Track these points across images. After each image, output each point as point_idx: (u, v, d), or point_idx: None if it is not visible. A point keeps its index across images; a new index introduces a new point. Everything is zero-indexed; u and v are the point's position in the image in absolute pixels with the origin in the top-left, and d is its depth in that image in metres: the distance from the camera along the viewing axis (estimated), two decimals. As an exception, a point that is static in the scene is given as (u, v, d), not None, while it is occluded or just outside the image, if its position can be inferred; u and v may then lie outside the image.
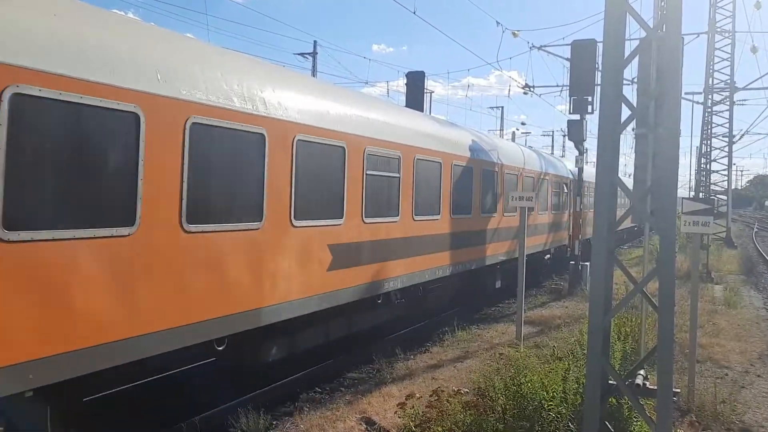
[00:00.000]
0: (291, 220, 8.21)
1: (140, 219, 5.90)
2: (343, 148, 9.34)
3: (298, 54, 40.57)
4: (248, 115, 7.41)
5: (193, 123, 6.57)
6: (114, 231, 5.65)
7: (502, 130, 58.17)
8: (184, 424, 7.57)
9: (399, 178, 10.92)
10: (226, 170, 7.17)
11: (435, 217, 12.42)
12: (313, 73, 38.66)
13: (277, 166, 7.91)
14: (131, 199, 5.84)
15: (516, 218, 16.10)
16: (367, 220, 9.99)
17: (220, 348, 7.41)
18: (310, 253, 8.69)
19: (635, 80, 6.68)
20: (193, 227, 6.56)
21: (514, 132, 55.72)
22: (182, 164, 6.43)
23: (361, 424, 7.74)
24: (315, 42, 39.40)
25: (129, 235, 5.80)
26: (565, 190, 23.60)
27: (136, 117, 5.86)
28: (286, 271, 8.15)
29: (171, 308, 6.29)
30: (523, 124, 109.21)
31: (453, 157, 13.17)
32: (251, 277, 7.55)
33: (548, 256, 21.75)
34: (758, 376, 10.36)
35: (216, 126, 6.91)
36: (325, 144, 8.96)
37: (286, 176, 8.11)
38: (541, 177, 20.43)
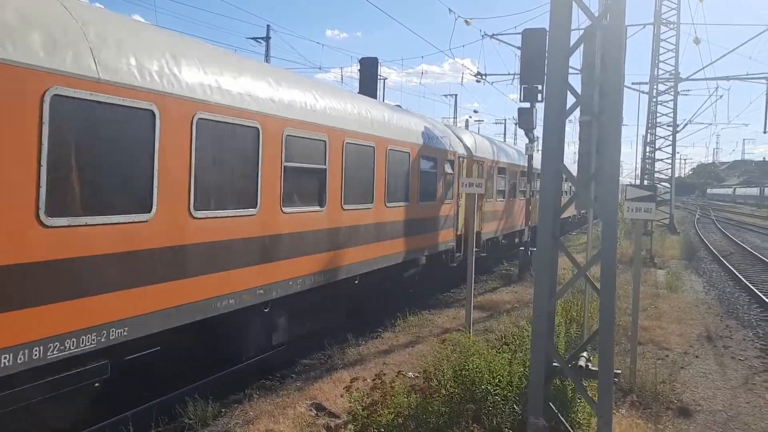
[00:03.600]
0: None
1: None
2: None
3: (251, 38, 40.06)
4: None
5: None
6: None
7: (455, 117, 58.71)
8: (130, 414, 7.44)
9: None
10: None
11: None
12: (266, 58, 38.16)
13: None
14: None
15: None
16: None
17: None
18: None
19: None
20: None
21: (467, 120, 56.25)
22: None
23: (311, 409, 7.75)
24: (268, 26, 38.93)
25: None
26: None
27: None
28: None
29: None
30: (476, 111, 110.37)
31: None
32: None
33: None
34: (696, 357, 10.76)
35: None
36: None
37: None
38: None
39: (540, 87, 18.73)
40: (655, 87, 34.42)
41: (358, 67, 20.36)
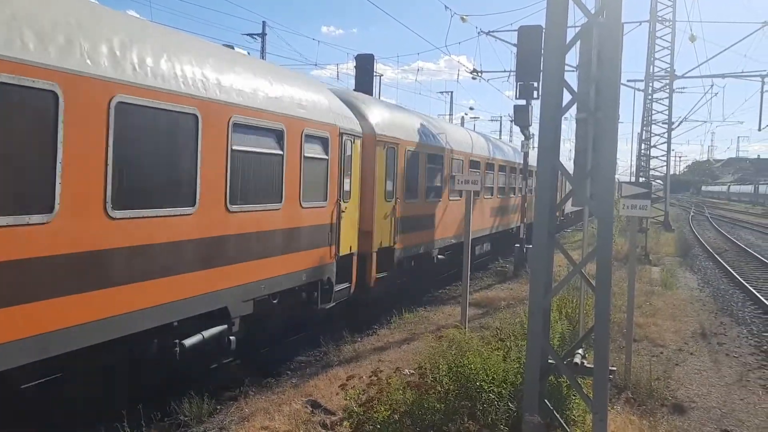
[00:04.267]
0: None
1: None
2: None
3: (247, 35, 40.05)
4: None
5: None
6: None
7: (451, 114, 58.72)
8: (125, 411, 7.42)
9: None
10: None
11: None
12: (262, 55, 38.07)
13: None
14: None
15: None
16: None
17: None
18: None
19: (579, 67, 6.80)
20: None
21: (463, 117, 56.25)
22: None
23: (306, 406, 7.74)
24: (264, 23, 38.86)
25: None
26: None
27: None
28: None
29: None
30: (471, 108, 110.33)
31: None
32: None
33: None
34: (691, 353, 10.79)
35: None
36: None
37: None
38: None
39: (536, 84, 18.72)
40: (650, 84, 34.48)
41: (354, 64, 20.30)
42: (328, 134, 10.82)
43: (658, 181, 35.51)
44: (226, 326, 8.40)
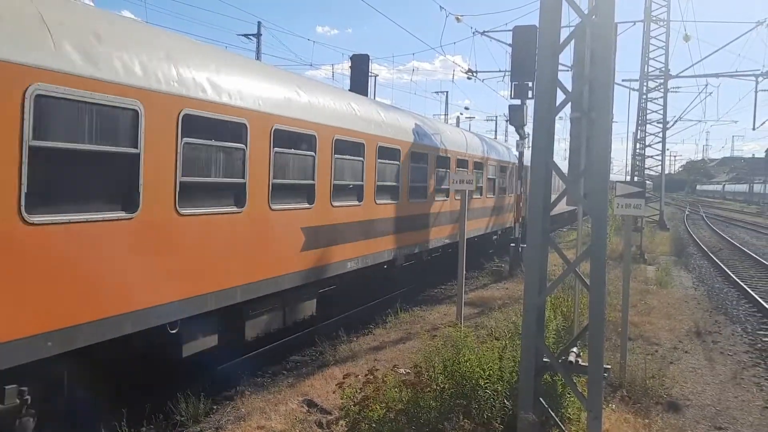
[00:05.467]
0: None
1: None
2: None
3: (242, 35, 40.02)
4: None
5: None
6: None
7: (446, 114, 58.69)
8: (125, 410, 7.43)
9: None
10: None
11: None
12: (257, 55, 38.05)
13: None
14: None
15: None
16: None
17: None
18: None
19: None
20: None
21: (458, 116, 56.32)
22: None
23: (302, 406, 7.76)
24: (259, 23, 38.80)
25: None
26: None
27: None
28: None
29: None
30: (467, 108, 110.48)
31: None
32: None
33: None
34: (685, 352, 10.84)
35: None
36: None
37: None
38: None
39: (531, 84, 18.75)
40: (645, 84, 34.58)
41: (349, 64, 20.30)
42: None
43: (648, 182, 35.61)
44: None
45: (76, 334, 6.11)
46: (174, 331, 7.45)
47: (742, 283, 18.08)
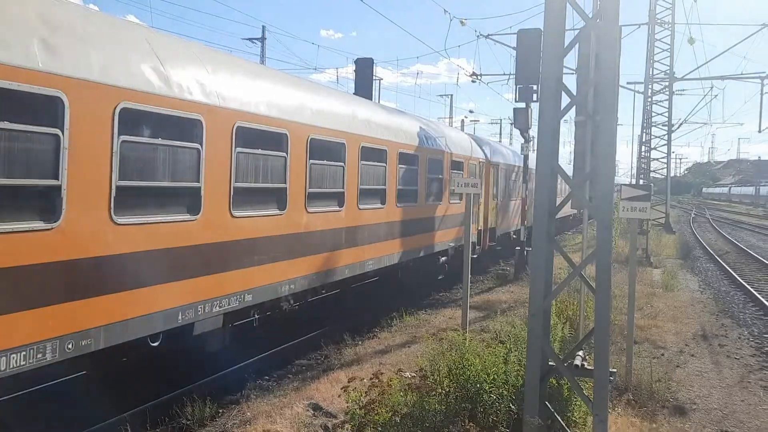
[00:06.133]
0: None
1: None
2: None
3: (246, 39, 40.02)
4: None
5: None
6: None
7: (451, 117, 58.76)
8: (128, 415, 7.45)
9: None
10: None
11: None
12: (262, 59, 38.12)
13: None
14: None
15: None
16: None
17: None
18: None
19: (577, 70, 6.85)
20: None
21: (463, 120, 56.34)
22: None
23: (308, 409, 7.76)
24: (263, 27, 38.90)
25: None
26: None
27: None
28: None
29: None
30: (471, 112, 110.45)
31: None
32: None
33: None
34: (692, 355, 10.80)
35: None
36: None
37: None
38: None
39: (535, 87, 18.74)
40: (650, 87, 34.53)
41: (354, 68, 20.35)
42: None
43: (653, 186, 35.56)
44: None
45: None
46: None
47: (748, 286, 18.00)
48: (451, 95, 77.39)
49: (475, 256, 17.64)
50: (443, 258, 16.73)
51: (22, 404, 7.25)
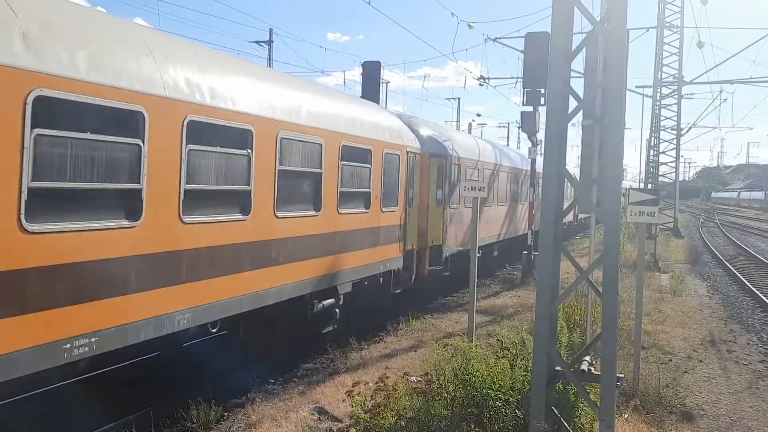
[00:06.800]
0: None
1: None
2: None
3: (254, 42, 40.20)
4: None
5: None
6: None
7: (458, 121, 58.68)
8: (134, 417, 7.46)
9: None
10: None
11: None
12: (269, 62, 38.24)
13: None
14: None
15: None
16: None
17: None
18: None
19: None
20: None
21: (470, 123, 56.28)
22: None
23: (313, 413, 7.75)
24: (270, 30, 39.03)
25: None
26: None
27: None
28: None
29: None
30: (478, 115, 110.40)
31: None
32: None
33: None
34: (700, 361, 10.72)
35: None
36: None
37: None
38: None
39: (543, 90, 18.69)
40: (658, 90, 34.42)
41: (361, 71, 20.36)
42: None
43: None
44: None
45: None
46: None
47: (757, 292, 17.87)
48: (459, 98, 77.30)
49: (398, 291, 13.46)
50: (325, 303, 10.56)
51: (29, 406, 7.27)
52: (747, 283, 19.55)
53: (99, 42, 6.23)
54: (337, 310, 11.03)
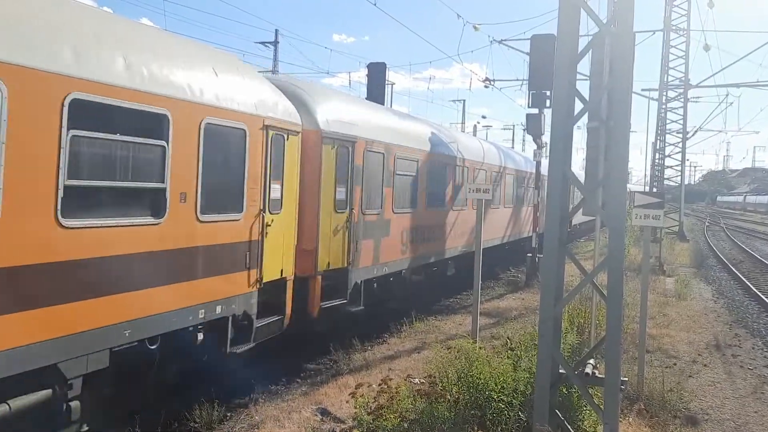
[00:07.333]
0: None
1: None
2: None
3: (260, 43, 40.38)
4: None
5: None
6: None
7: (463, 123, 58.65)
8: (138, 417, 7.46)
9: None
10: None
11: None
12: (275, 62, 38.34)
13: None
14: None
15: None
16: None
17: None
18: None
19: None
20: None
21: (475, 125, 56.26)
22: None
23: (316, 414, 7.74)
24: (276, 31, 39.13)
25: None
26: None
27: None
28: None
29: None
30: (484, 117, 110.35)
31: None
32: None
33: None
34: (705, 365, 10.68)
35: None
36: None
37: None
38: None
39: (548, 93, 18.65)
40: (664, 94, 34.33)
41: (366, 72, 20.38)
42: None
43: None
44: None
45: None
46: None
47: (763, 296, 17.79)
48: (464, 100, 77.24)
49: (241, 349, 8.51)
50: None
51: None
52: (752, 288, 19.47)
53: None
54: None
